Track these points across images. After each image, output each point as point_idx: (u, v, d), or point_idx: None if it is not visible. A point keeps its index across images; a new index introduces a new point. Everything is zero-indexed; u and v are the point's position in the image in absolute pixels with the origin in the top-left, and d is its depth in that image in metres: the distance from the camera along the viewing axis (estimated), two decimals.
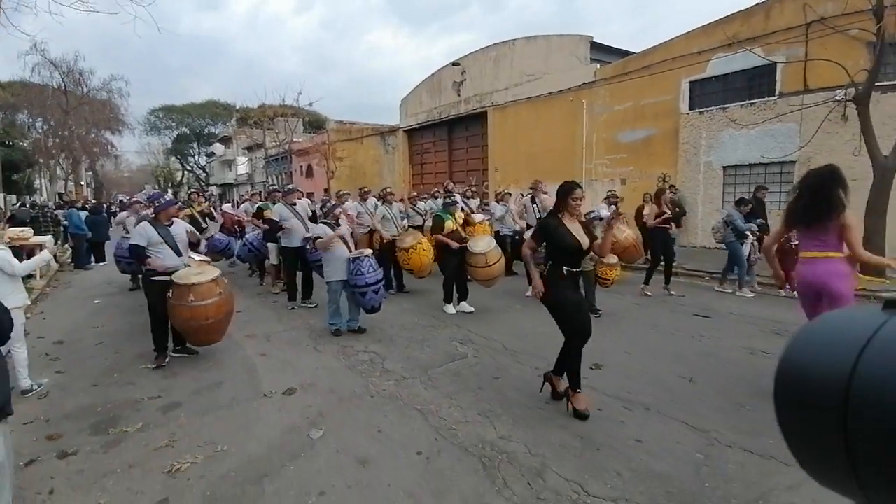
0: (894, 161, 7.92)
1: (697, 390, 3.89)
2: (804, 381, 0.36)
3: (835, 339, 0.35)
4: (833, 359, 0.34)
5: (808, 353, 0.37)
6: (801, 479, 2.72)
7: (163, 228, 4.73)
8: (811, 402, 0.34)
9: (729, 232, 7.61)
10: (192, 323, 4.55)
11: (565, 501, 2.56)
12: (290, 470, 2.91)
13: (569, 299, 3.49)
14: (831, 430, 0.32)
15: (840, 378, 0.32)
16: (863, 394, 0.30)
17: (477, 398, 3.84)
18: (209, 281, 4.58)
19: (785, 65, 10.48)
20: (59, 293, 9.04)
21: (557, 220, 3.59)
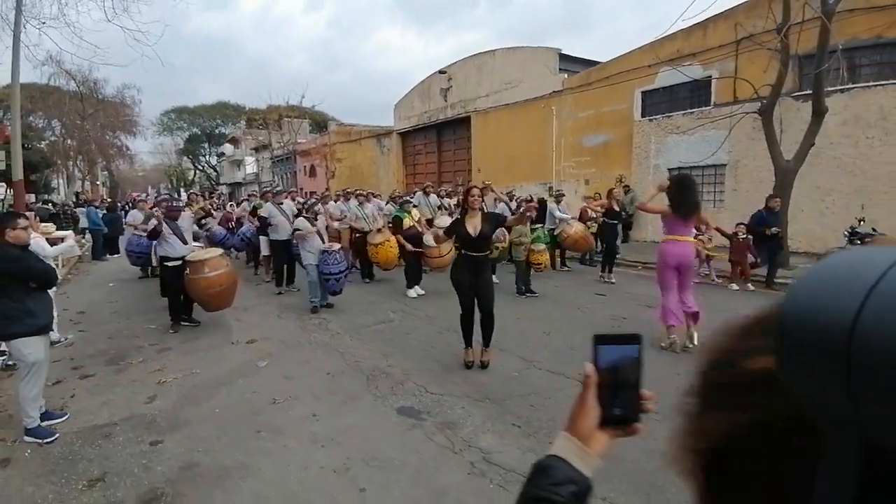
0: (794, 165, 9.14)
1: (547, 339, 5.26)
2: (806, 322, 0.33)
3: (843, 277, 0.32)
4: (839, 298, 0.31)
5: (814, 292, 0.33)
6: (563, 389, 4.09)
7: (172, 223, 6.01)
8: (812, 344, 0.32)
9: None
10: (209, 291, 5.68)
11: (410, 393, 3.96)
12: (240, 382, 4.33)
13: (462, 281, 4.44)
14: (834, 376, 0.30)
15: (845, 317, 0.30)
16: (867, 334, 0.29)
17: (385, 345, 5.25)
18: (218, 255, 5.91)
19: (718, 78, 11.71)
20: (80, 279, 10.58)
21: (461, 217, 4.57)
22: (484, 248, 4.49)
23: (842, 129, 10.07)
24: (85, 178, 28.04)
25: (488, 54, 18.89)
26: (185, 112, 54.58)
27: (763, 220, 7.91)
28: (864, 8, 9.67)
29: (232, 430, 3.53)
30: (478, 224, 4.42)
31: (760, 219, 7.98)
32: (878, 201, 9.71)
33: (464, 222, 4.45)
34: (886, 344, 0.28)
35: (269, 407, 3.86)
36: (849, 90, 10.03)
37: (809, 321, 0.33)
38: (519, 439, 3.30)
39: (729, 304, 6.70)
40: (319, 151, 28.51)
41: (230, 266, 5.97)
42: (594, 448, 0.70)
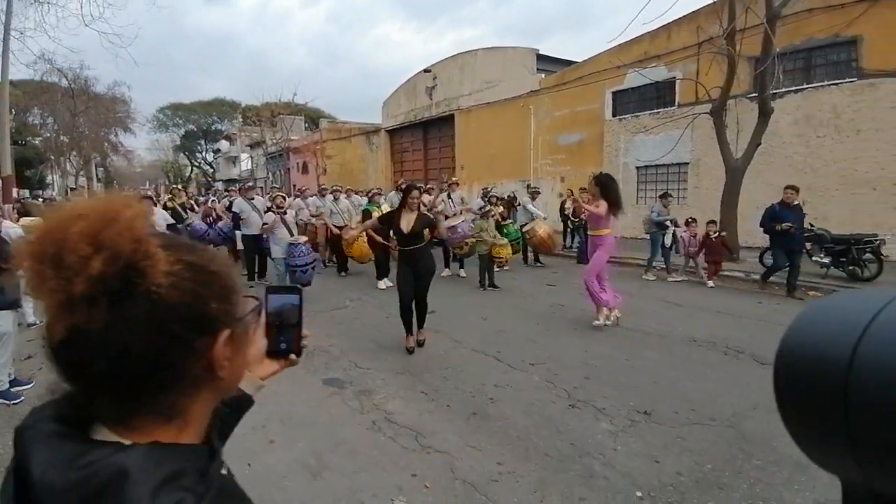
0: (743, 164, 9.58)
1: (482, 323, 5.73)
2: (804, 360, 0.33)
3: (838, 317, 0.33)
4: (835, 337, 0.32)
5: (810, 332, 0.34)
6: (505, 373, 4.54)
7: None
8: (811, 381, 0.32)
9: (652, 223, 8.35)
10: None
11: (340, 367, 4.42)
12: None
13: (401, 275, 4.80)
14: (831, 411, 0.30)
15: (842, 356, 0.30)
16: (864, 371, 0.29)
17: (333, 328, 5.71)
18: None
19: (682, 79, 12.13)
20: None
21: (397, 212, 4.83)
22: (416, 242, 4.77)
23: (794, 128, 10.51)
24: (78, 173, 28.42)
25: (470, 54, 19.31)
26: (181, 108, 54.91)
27: (776, 216, 7.00)
28: (822, 7, 10.07)
29: None
30: (412, 221, 4.69)
31: (773, 214, 7.07)
32: (829, 198, 10.17)
33: (399, 217, 4.73)
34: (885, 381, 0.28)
35: None
36: (802, 90, 10.47)
37: (804, 363, 0.34)
38: (422, 404, 3.75)
39: (705, 301, 7.16)
40: (310, 149, 28.89)
41: None
42: (260, 372, 0.87)
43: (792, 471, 2.78)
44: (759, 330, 5.44)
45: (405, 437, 3.24)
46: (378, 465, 2.93)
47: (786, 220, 6.85)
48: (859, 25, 9.62)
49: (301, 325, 0.88)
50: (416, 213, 4.77)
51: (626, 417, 3.47)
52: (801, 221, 7.03)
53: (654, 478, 2.76)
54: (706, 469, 2.83)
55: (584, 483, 2.73)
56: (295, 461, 2.99)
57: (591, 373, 4.27)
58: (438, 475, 2.82)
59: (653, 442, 3.14)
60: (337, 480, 2.79)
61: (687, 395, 3.78)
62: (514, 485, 2.73)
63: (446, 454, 3.04)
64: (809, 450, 0.36)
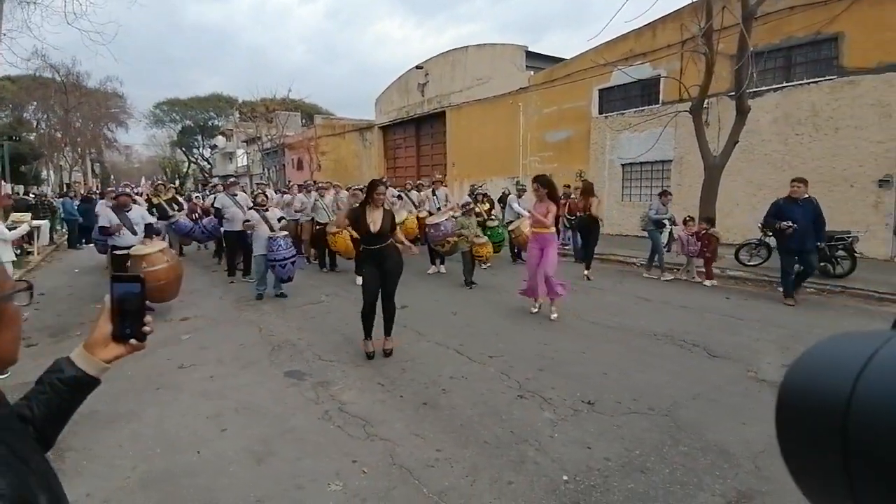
0: (720, 161, 9.68)
1: (450, 318, 5.85)
2: (804, 401, 0.34)
3: (836, 358, 0.34)
4: (833, 378, 0.33)
5: (809, 373, 0.35)
6: (462, 365, 4.66)
7: (121, 214, 6.16)
8: (811, 422, 0.33)
9: (649, 221, 8.17)
10: (147, 286, 6.37)
11: (304, 360, 4.54)
12: (159, 352, 4.90)
13: (366, 274, 4.57)
14: (831, 451, 0.31)
15: (840, 396, 0.31)
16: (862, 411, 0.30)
17: (304, 322, 5.84)
18: (157, 251, 6.01)
19: (666, 77, 12.21)
20: (51, 266, 11.14)
21: (362, 208, 4.58)
22: (383, 241, 4.56)
23: (773, 126, 10.61)
24: (72, 168, 28.50)
25: (461, 50, 19.36)
26: (178, 104, 54.90)
27: (779, 213, 6.38)
28: (803, 5, 10.15)
29: (136, 387, 4.10)
30: (378, 220, 4.51)
31: (776, 210, 6.47)
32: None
33: (365, 215, 4.51)
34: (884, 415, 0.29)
35: (175, 371, 4.43)
36: (781, 89, 10.56)
37: (804, 402, 0.35)
38: (376, 394, 3.88)
39: (675, 296, 7.28)
40: (304, 145, 28.97)
41: (173, 261, 6.15)
42: (102, 355, 0.95)
43: (716, 457, 2.91)
44: (719, 325, 5.56)
45: (353, 426, 3.37)
46: (322, 452, 3.05)
47: (790, 217, 6.18)
48: (840, 22, 9.70)
49: (143, 312, 0.96)
50: (381, 210, 4.59)
51: (570, 407, 3.59)
52: (811, 217, 6.22)
53: (582, 463, 2.89)
54: (634, 455, 2.96)
55: (514, 468, 2.86)
56: (243, 448, 3.11)
57: (546, 365, 4.39)
58: (378, 461, 2.94)
59: (589, 430, 3.26)
60: (280, 466, 2.92)
61: (633, 386, 3.91)
62: (448, 470, 2.86)
63: (389, 441, 3.16)
64: (808, 488, 0.35)
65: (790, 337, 5.08)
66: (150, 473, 2.91)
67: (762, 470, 2.78)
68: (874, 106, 9.46)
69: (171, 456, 3.08)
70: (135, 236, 6.27)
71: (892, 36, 9.10)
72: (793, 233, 6.15)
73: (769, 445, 3.01)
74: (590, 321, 5.75)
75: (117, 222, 6.01)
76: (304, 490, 2.69)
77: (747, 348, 4.77)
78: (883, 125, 9.37)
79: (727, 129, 10.25)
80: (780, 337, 5.10)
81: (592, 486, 2.68)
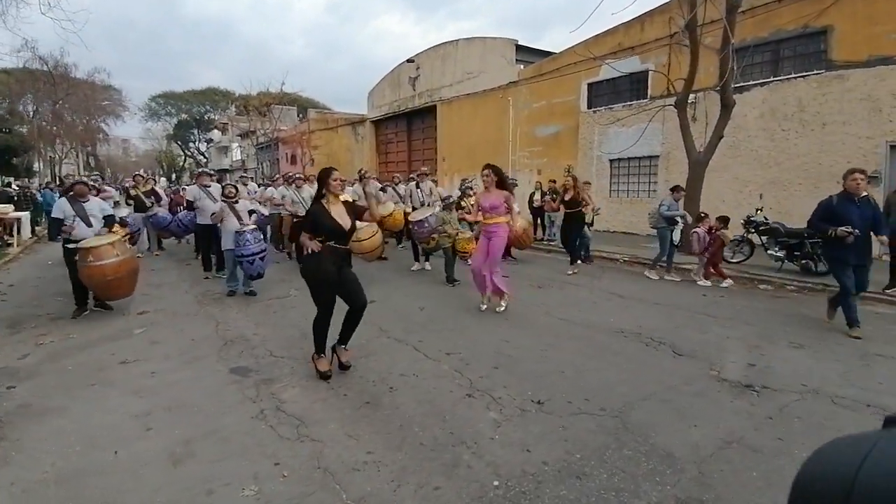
0: (705, 156, 9.50)
1: (417, 313, 5.68)
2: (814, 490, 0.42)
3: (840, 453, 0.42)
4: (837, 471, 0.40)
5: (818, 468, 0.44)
6: (416, 362, 4.49)
7: (77, 204, 5.65)
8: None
9: (660, 217, 7.66)
10: (94, 280, 5.38)
11: (254, 356, 4.37)
12: (107, 346, 4.74)
13: (326, 275, 3.78)
14: None
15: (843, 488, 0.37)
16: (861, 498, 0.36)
17: (264, 317, 5.66)
18: (106, 244, 5.43)
19: (654, 71, 12.01)
20: (28, 258, 10.95)
21: (321, 206, 3.85)
22: (347, 240, 3.99)
23: (759, 122, 10.43)
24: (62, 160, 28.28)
25: (451, 44, 19.14)
26: (173, 97, 54.56)
27: (831, 213, 4.87)
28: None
29: (72, 382, 3.94)
30: (343, 213, 3.89)
31: (828, 210, 4.89)
32: (792, 192, 10.11)
33: (328, 211, 3.85)
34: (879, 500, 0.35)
35: (116, 366, 4.26)
36: (768, 83, 10.36)
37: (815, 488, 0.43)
38: (320, 392, 3.71)
39: (648, 293, 7.11)
40: (296, 139, 28.76)
41: (125, 255, 5.65)
42: None
43: (659, 462, 2.75)
44: (689, 322, 5.40)
45: (286, 426, 3.20)
46: (245, 454, 2.88)
47: (847, 220, 4.69)
48: (830, 15, 9.50)
49: None
50: (340, 203, 3.97)
51: (518, 407, 3.42)
52: (870, 219, 4.77)
53: (517, 467, 2.72)
54: (574, 458, 2.79)
55: (444, 472, 2.69)
56: (163, 449, 2.94)
57: (503, 362, 4.23)
58: (302, 464, 2.78)
59: (533, 431, 3.10)
60: (196, 469, 2.75)
61: (587, 385, 3.74)
62: (374, 473, 2.69)
63: (319, 443, 2.99)
64: None
65: (759, 335, 4.92)
66: (65, 470, 2.77)
67: (706, 476, 2.61)
68: (863, 100, 9.27)
69: (89, 454, 2.93)
70: (90, 228, 5.72)
71: (884, 29, 8.91)
72: (854, 240, 4.67)
73: (717, 449, 2.86)
74: (558, 317, 5.58)
75: (72, 214, 5.62)
76: (213, 495, 2.52)
77: (714, 346, 4.61)
78: (872, 120, 9.19)
79: (714, 125, 10.08)
80: (748, 335, 4.94)
81: (522, 493, 2.51)
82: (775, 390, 3.65)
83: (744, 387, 3.72)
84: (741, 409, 3.37)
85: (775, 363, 4.19)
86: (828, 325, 5.28)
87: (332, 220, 3.82)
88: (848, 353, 4.44)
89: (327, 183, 3.88)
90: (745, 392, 3.63)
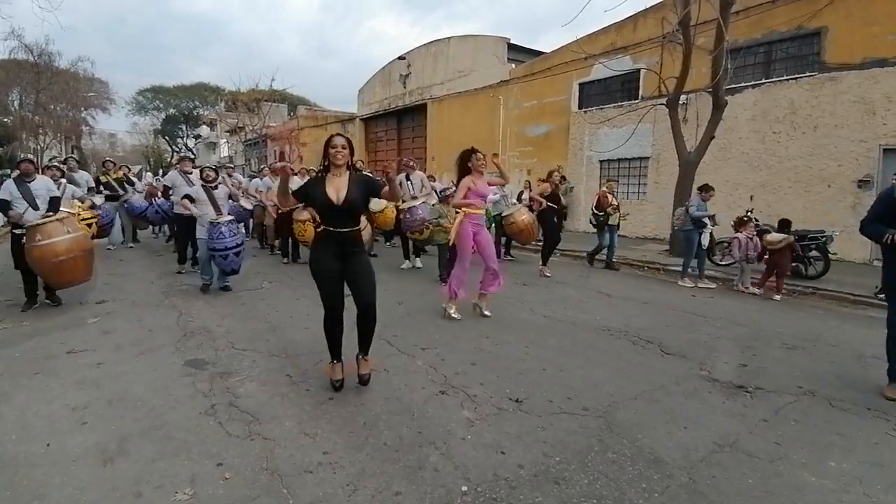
0: (695, 157, 9.34)
1: (394, 308, 5.39)
2: None
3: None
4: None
5: None
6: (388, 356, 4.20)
7: (23, 185, 5.17)
8: None
9: (687, 219, 7.13)
10: (44, 263, 4.85)
11: (214, 348, 4.05)
12: (56, 335, 4.40)
13: (323, 267, 3.19)
14: None
15: None
16: None
17: (232, 308, 5.35)
18: (55, 221, 4.96)
19: (646, 71, 11.86)
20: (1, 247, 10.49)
21: (318, 177, 3.27)
22: (351, 221, 3.19)
23: (751, 124, 10.30)
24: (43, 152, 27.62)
25: (443, 42, 18.90)
26: (162, 92, 53.80)
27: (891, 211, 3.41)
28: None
29: (17, 369, 3.64)
30: (342, 186, 3.11)
31: (887, 207, 3.38)
32: (783, 195, 9.98)
33: (323, 182, 3.15)
34: None
35: (62, 355, 3.92)
36: (759, 85, 10.24)
37: None
38: (280, 388, 3.40)
39: (636, 292, 6.87)
40: (284, 136, 28.36)
41: (76, 233, 5.12)
42: None
43: (646, 467, 2.49)
44: (679, 321, 5.17)
45: (237, 423, 2.89)
46: (186, 453, 2.57)
47: None
48: (825, 16, 9.38)
49: None
50: (346, 176, 3.18)
51: (495, 405, 3.15)
52: None
53: (490, 470, 2.44)
54: (552, 462, 2.52)
55: (407, 475, 2.41)
56: (95, 444, 2.63)
57: (481, 359, 3.95)
58: (248, 465, 2.47)
59: (509, 432, 2.82)
60: (128, 468, 2.43)
61: (570, 383, 3.48)
62: (328, 476, 2.39)
63: (271, 441, 2.69)
64: None
65: (751, 336, 4.70)
66: (1, 458, 2.51)
67: (697, 483, 2.36)
68: (856, 103, 9.16)
69: (22, 444, 2.65)
70: (36, 211, 5.18)
71: (881, 30, 8.77)
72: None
73: (710, 453, 2.61)
74: (542, 315, 5.32)
75: (18, 195, 5.11)
76: (141, 498, 2.21)
77: (704, 346, 4.37)
78: (865, 123, 9.07)
79: (705, 126, 9.93)
80: (740, 335, 4.71)
81: (493, 499, 2.23)
82: (769, 392, 3.42)
83: (736, 387, 3.48)
84: (734, 410, 3.13)
85: (769, 364, 3.97)
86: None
87: (322, 193, 3.08)
88: (844, 356, 4.22)
89: (327, 152, 3.18)
90: (737, 393, 3.39)
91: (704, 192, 7.24)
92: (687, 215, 7.14)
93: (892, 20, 8.64)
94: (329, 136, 3.26)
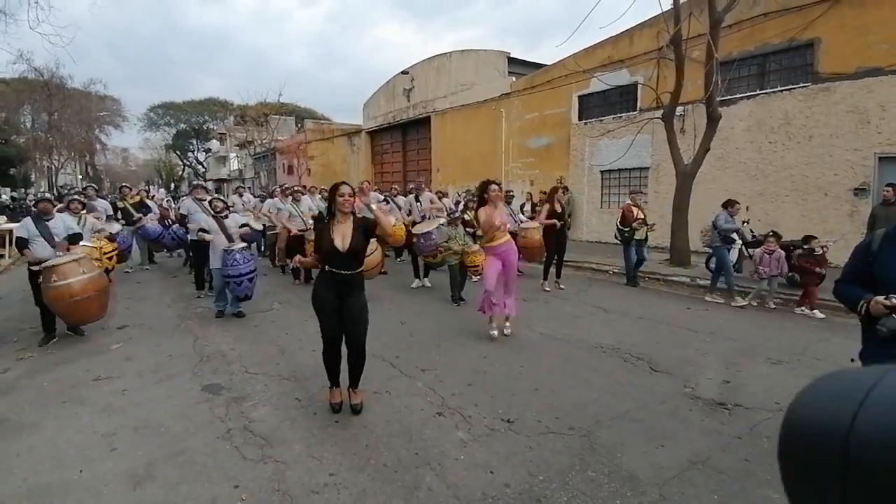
0: (692, 169, 9.53)
1: (398, 328, 5.67)
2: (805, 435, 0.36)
3: (835, 394, 0.36)
4: (833, 413, 0.34)
5: (814, 404, 0.38)
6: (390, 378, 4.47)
7: (41, 223, 5.28)
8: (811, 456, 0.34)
9: (715, 235, 6.96)
10: (60, 302, 4.95)
11: (228, 373, 4.35)
12: (82, 361, 4.72)
13: (325, 303, 3.48)
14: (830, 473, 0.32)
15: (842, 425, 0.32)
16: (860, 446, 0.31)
17: (244, 332, 5.64)
18: (70, 261, 5.04)
19: (643, 84, 12.08)
20: (19, 269, 10.91)
21: (325, 223, 3.54)
22: (354, 265, 3.50)
23: (747, 134, 10.48)
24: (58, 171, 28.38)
25: (445, 56, 19.28)
26: (172, 108, 54.86)
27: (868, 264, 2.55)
28: (778, 10, 10.00)
29: (46, 398, 3.95)
30: (348, 233, 3.43)
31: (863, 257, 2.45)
32: (779, 205, 10.13)
33: (330, 229, 3.48)
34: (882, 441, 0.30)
35: (89, 382, 4.24)
36: (754, 96, 10.42)
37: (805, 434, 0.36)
38: (290, 411, 3.68)
39: (632, 307, 7.08)
40: (292, 149, 28.88)
41: (92, 273, 5.20)
42: None
43: (621, 484, 2.72)
44: (670, 337, 5.38)
45: (251, 447, 3.17)
46: (206, 476, 2.86)
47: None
48: (817, 28, 9.56)
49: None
50: (350, 222, 3.50)
51: (488, 426, 3.40)
52: None
53: (478, 490, 2.70)
54: (536, 481, 2.77)
55: (404, 495, 2.67)
56: (125, 470, 2.92)
57: (477, 379, 4.21)
58: (261, 487, 2.75)
59: (499, 452, 3.07)
60: (154, 492, 2.72)
61: (560, 403, 3.72)
62: (333, 496, 2.66)
63: (283, 464, 2.97)
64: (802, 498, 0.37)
65: (739, 351, 4.90)
66: (35, 486, 2.80)
67: (666, 499, 2.59)
68: (851, 112, 9.31)
69: (56, 472, 2.94)
70: (51, 249, 5.28)
71: (874, 39, 8.93)
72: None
73: (682, 471, 2.84)
74: (539, 332, 5.57)
75: (36, 233, 5.20)
76: None
77: (692, 362, 4.59)
78: (860, 132, 9.21)
79: (701, 137, 10.12)
80: (728, 350, 4.92)
81: None
82: (748, 408, 3.63)
83: (716, 405, 3.70)
84: (711, 428, 3.35)
85: (751, 380, 4.17)
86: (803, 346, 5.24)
87: (329, 240, 3.43)
88: (827, 369, 4.40)
89: (334, 199, 3.50)
90: (716, 410, 3.61)
91: (730, 206, 7.08)
92: (714, 231, 6.98)
93: (886, 29, 8.79)
94: (335, 183, 3.59)
